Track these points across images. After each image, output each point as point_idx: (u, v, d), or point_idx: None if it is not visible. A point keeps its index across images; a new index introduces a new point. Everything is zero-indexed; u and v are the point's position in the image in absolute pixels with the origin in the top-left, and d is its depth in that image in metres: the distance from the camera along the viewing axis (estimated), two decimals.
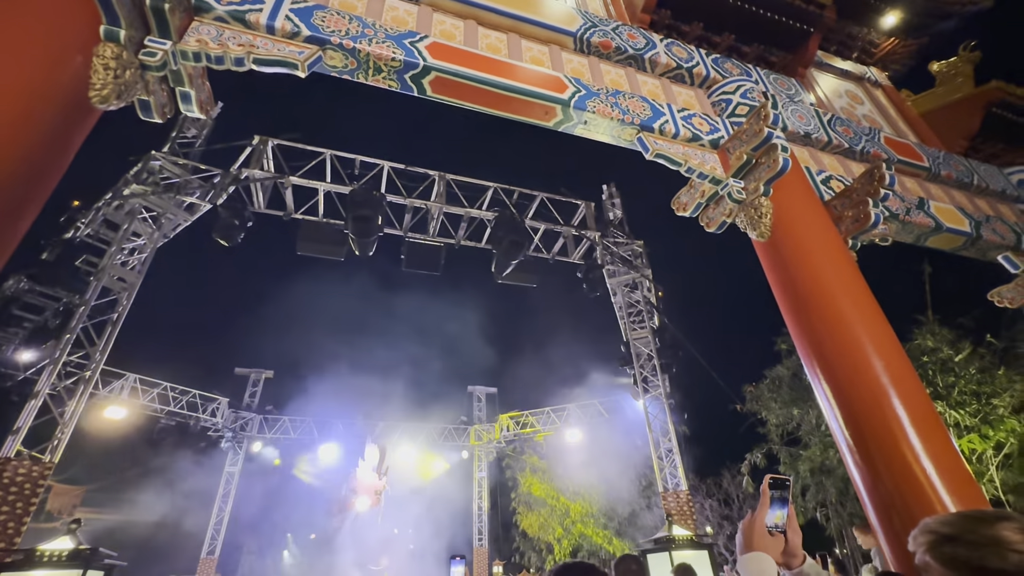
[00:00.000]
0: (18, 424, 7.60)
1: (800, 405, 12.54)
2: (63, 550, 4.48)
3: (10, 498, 6.89)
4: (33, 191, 2.54)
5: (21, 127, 2.43)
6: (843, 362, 3.54)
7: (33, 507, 7.12)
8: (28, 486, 7.14)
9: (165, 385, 15.41)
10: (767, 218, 4.17)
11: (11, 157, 2.35)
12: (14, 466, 7.15)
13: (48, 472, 7.52)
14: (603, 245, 13.05)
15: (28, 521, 6.95)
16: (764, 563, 1.22)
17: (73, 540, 4.60)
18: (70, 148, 2.82)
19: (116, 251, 9.62)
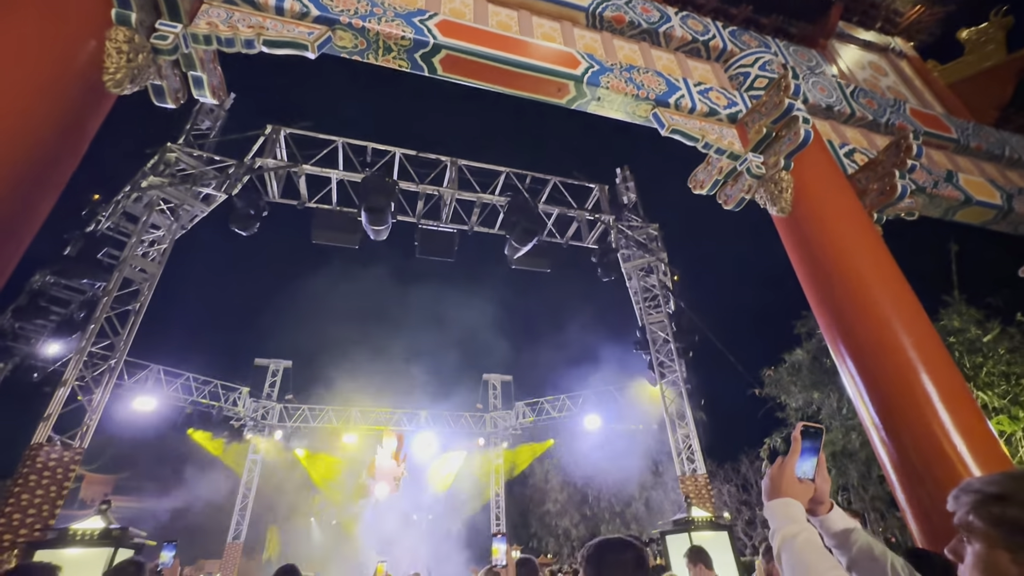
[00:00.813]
0: (49, 411, 7.85)
1: (821, 389, 12.34)
2: (95, 529, 4.65)
3: (44, 481, 7.20)
4: (51, 175, 2.57)
5: (36, 110, 2.45)
6: (869, 338, 3.45)
7: (66, 491, 7.40)
8: (60, 470, 7.42)
9: (188, 375, 15.77)
10: (788, 193, 4.06)
11: (27, 140, 2.38)
12: (47, 451, 7.43)
13: (78, 457, 7.78)
14: (617, 229, 12.91)
15: (61, 504, 7.24)
16: (793, 508, 1.19)
17: (104, 520, 4.77)
18: (86, 133, 2.84)
19: (136, 243, 9.80)
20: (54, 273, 9.80)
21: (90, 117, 2.87)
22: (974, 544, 0.95)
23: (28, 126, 2.42)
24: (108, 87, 2.86)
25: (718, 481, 21.54)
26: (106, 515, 4.88)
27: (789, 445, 1.32)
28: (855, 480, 11.68)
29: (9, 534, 6.65)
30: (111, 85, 2.86)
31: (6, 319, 10.86)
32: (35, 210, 2.52)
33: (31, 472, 7.17)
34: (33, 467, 7.21)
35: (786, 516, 1.18)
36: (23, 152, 2.36)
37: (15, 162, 2.31)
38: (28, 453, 7.39)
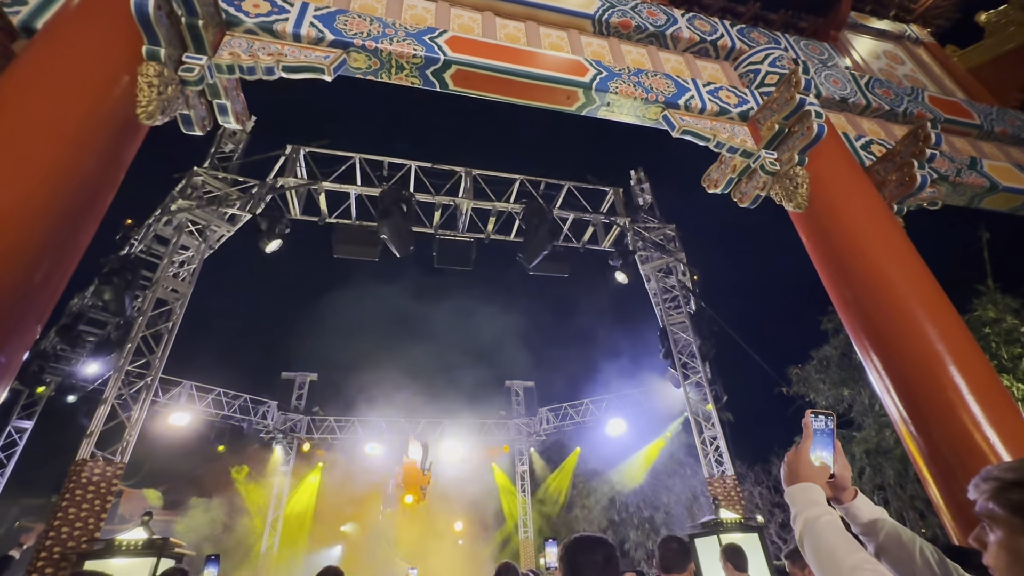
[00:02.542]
0: (91, 429, 8.19)
1: (851, 385, 12.03)
2: (139, 540, 4.87)
3: (88, 495, 7.52)
4: (93, 203, 2.74)
5: (81, 145, 2.62)
6: (893, 332, 3.40)
7: (109, 504, 7.71)
8: (103, 484, 7.74)
9: (218, 390, 16.21)
10: (803, 188, 4.03)
11: (72, 172, 2.55)
12: (90, 466, 7.76)
13: (120, 472, 8.10)
14: (634, 231, 12.86)
15: (105, 517, 7.55)
16: (813, 492, 1.19)
17: (147, 531, 4.98)
18: (123, 163, 3.02)
19: (167, 264, 10.18)
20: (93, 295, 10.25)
21: (126, 148, 3.05)
22: (996, 532, 0.96)
23: (72, 159, 2.59)
24: (141, 119, 3.04)
25: (749, 483, 21.05)
26: (148, 526, 5.10)
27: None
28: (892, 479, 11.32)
29: (58, 546, 6.98)
30: (144, 117, 3.03)
31: (49, 341, 11.39)
32: (80, 238, 2.69)
33: (77, 487, 7.50)
34: (78, 482, 7.54)
35: (807, 500, 1.18)
36: (69, 183, 2.53)
37: (63, 193, 2.48)
38: (73, 469, 7.73)
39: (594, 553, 1.39)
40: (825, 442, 1.30)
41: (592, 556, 1.38)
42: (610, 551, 1.40)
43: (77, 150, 2.65)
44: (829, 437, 1.31)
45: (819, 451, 1.29)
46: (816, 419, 1.32)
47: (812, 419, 1.31)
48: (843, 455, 1.33)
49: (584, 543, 1.43)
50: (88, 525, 7.28)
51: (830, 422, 1.32)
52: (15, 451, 12.60)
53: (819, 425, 1.31)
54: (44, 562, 6.89)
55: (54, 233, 2.48)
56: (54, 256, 2.52)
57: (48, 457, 15.18)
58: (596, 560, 1.37)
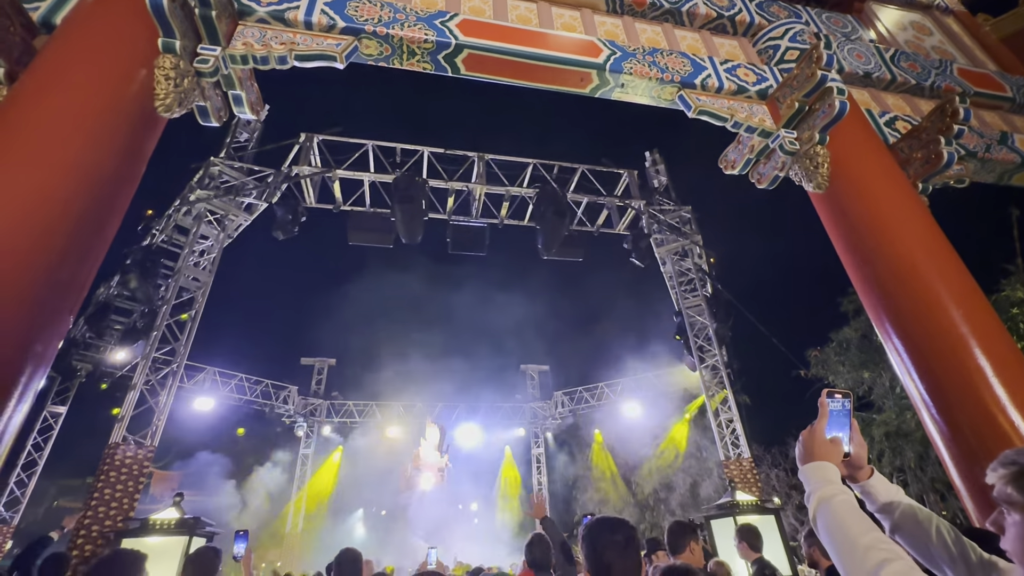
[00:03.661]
0: (121, 413, 8.52)
1: (871, 368, 11.86)
2: (171, 519, 5.10)
3: (122, 477, 7.91)
4: (116, 196, 2.80)
5: (103, 140, 2.68)
6: (916, 313, 3.34)
7: (141, 485, 8.10)
8: (136, 467, 8.10)
9: (241, 376, 16.63)
10: (824, 168, 3.94)
11: (96, 167, 2.61)
12: (123, 449, 8.12)
13: (150, 455, 8.45)
14: (649, 214, 12.71)
15: (138, 497, 7.93)
16: (827, 471, 1.19)
17: (178, 511, 5.22)
18: (143, 156, 3.07)
19: (188, 253, 10.40)
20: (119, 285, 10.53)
21: (145, 141, 3.10)
22: (1013, 515, 0.96)
23: (95, 153, 2.65)
24: (160, 112, 3.09)
25: (766, 466, 20.99)
26: (179, 507, 5.33)
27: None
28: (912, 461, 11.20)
29: (96, 525, 7.37)
30: (162, 110, 3.08)
31: (79, 330, 11.77)
32: (105, 230, 2.77)
33: (111, 469, 7.87)
34: (112, 464, 7.91)
35: (821, 478, 1.18)
36: (93, 177, 2.60)
37: (88, 187, 2.54)
38: (107, 452, 8.09)
39: (614, 534, 1.41)
40: (841, 422, 1.29)
41: (612, 537, 1.41)
42: (630, 532, 1.44)
43: (99, 144, 2.70)
44: (845, 417, 1.30)
45: (835, 431, 1.28)
46: (832, 399, 1.31)
47: (828, 399, 1.30)
48: (859, 434, 1.32)
49: (605, 524, 1.47)
50: (123, 505, 7.65)
51: (847, 402, 1.31)
52: (51, 435, 13.15)
53: (835, 406, 1.30)
54: (83, 539, 7.28)
55: (81, 226, 2.56)
56: (82, 248, 2.60)
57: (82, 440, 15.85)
58: (616, 540, 1.40)
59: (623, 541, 1.39)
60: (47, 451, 13.00)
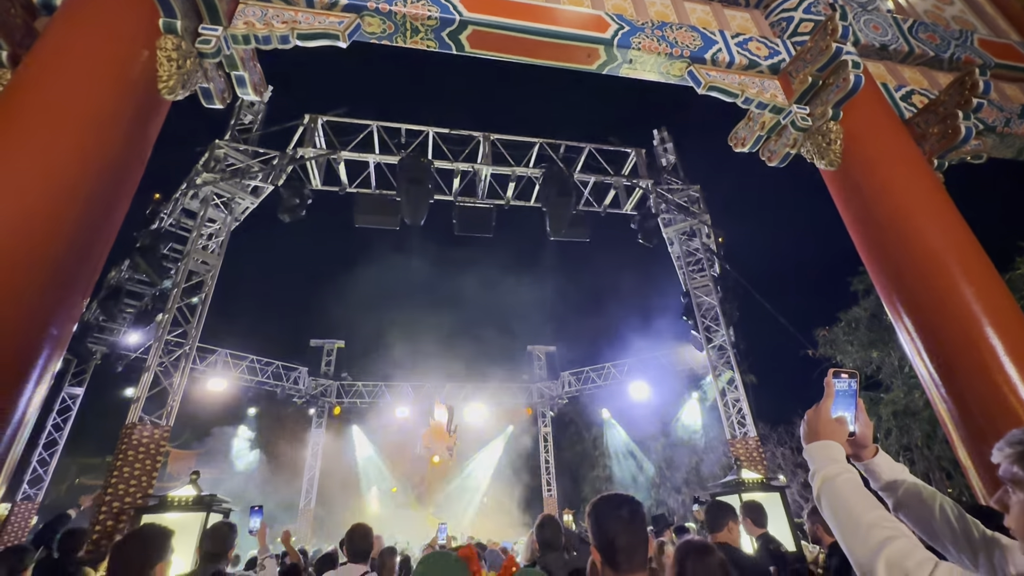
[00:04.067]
0: (137, 395, 8.71)
1: (880, 347, 11.81)
2: (189, 496, 5.27)
3: (140, 456, 8.14)
4: (124, 180, 2.81)
5: (108, 124, 2.67)
6: (927, 292, 3.30)
7: (159, 464, 8.34)
8: (152, 446, 8.32)
9: (252, 358, 16.88)
10: (837, 144, 3.85)
11: (102, 151, 2.61)
12: (139, 429, 8.32)
13: (166, 434, 8.66)
14: (656, 193, 12.57)
15: (156, 475, 8.18)
16: (832, 449, 1.19)
17: (195, 488, 5.39)
18: (149, 139, 3.07)
19: (196, 237, 10.45)
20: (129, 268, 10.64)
21: (150, 124, 3.09)
22: (1018, 494, 0.96)
23: (101, 138, 2.65)
24: (163, 94, 3.07)
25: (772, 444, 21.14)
26: (196, 484, 5.50)
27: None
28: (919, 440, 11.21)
29: (116, 502, 7.64)
30: (166, 92, 3.06)
31: (92, 313, 11.96)
32: (114, 214, 2.78)
33: (129, 448, 8.09)
34: (130, 444, 8.13)
35: (826, 457, 1.18)
36: (99, 161, 2.60)
37: (95, 171, 2.55)
38: (124, 432, 8.30)
39: (619, 509, 1.43)
40: (847, 402, 1.29)
41: (617, 512, 1.43)
42: (635, 507, 1.46)
43: (105, 128, 2.70)
44: (852, 397, 1.29)
45: (841, 410, 1.28)
46: (839, 379, 1.30)
47: (835, 379, 1.30)
48: (865, 413, 1.32)
49: (610, 500, 1.49)
50: (141, 483, 7.90)
51: (853, 382, 1.30)
52: (69, 416, 13.52)
53: (842, 385, 1.30)
54: (105, 515, 7.56)
55: (89, 210, 2.57)
56: (91, 232, 2.62)
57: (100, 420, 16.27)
58: (621, 515, 1.41)
59: (628, 516, 1.40)
60: (66, 431, 13.39)
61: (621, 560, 1.37)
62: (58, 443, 13.16)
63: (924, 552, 0.93)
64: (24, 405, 2.16)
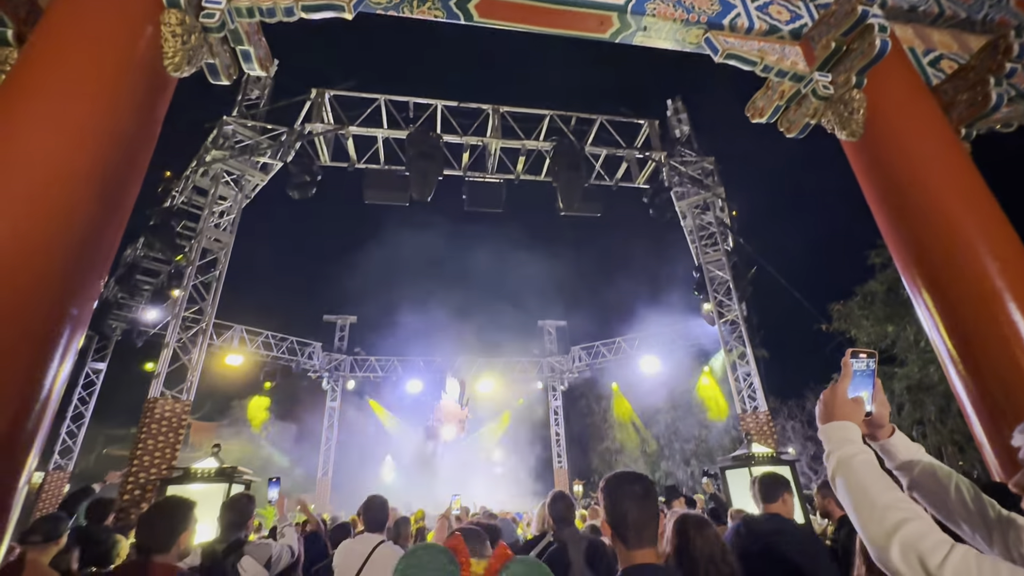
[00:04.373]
0: (158, 370, 8.95)
1: (896, 321, 11.65)
2: (211, 468, 5.47)
3: (163, 430, 8.43)
4: (134, 161, 2.81)
5: (116, 103, 2.65)
6: (948, 267, 3.22)
7: (181, 437, 8.64)
8: (174, 420, 8.60)
9: (266, 333, 17.20)
10: (859, 114, 3.71)
11: (112, 131, 2.60)
12: (161, 404, 8.59)
13: (187, 408, 8.93)
14: (670, 166, 12.31)
15: (179, 447, 8.48)
16: (848, 430, 1.17)
17: (217, 461, 5.58)
18: (157, 117, 3.05)
19: (208, 215, 10.52)
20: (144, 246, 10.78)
21: (158, 102, 3.07)
22: None
23: (109, 117, 2.64)
24: (169, 71, 3.03)
25: (782, 417, 21.25)
26: (218, 456, 5.69)
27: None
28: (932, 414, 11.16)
29: (143, 473, 7.97)
30: (171, 69, 3.02)
31: (110, 291, 12.20)
32: (127, 194, 2.79)
33: (152, 422, 8.38)
34: (152, 418, 8.41)
35: (842, 438, 1.16)
36: (110, 141, 2.59)
37: (106, 151, 2.55)
38: (147, 406, 8.57)
39: (633, 485, 1.46)
40: (865, 382, 1.27)
41: (632, 488, 1.46)
42: (648, 484, 1.49)
43: (114, 107, 2.68)
44: (869, 377, 1.27)
45: (858, 390, 1.26)
46: (857, 359, 1.27)
47: (852, 359, 1.27)
48: (882, 393, 1.30)
49: (624, 477, 1.52)
50: (165, 455, 8.21)
51: (872, 362, 1.27)
52: (94, 389, 13.99)
53: (859, 365, 1.27)
54: (132, 485, 7.88)
55: (103, 190, 2.58)
56: (106, 212, 2.63)
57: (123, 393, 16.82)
58: (635, 491, 1.44)
59: (641, 492, 1.43)
60: (92, 404, 13.88)
61: (631, 536, 1.40)
62: (84, 416, 13.66)
63: (940, 534, 0.92)
64: (50, 381, 2.22)
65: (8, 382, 2.03)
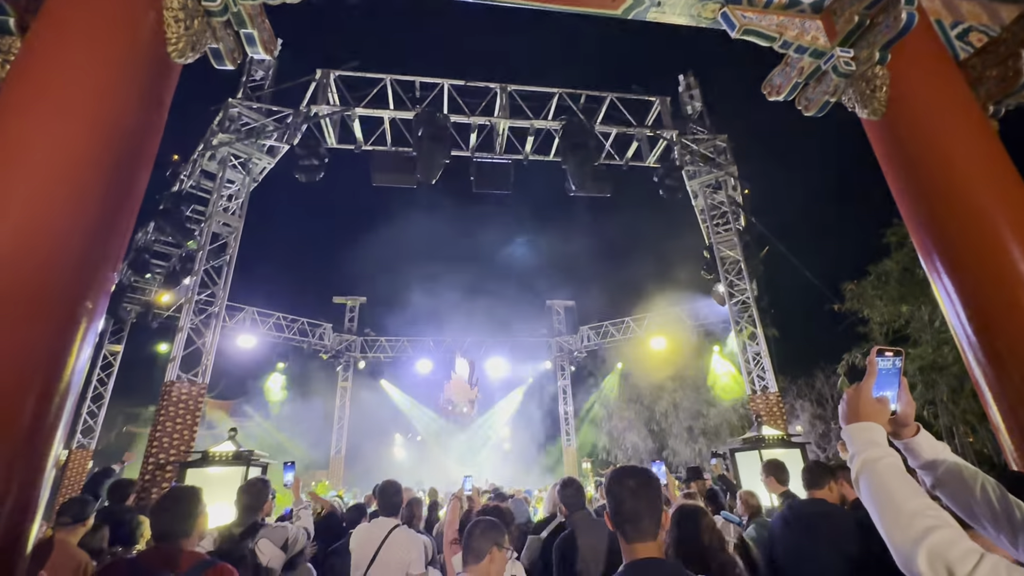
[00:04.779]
0: (173, 353, 9.11)
1: (910, 301, 11.48)
2: (228, 452, 5.60)
3: (180, 411, 8.63)
4: (142, 149, 2.79)
5: (121, 91, 2.62)
6: (969, 250, 3.13)
7: (198, 418, 8.86)
8: (191, 402, 8.79)
9: (278, 315, 17.40)
10: (882, 92, 3.57)
11: (119, 120, 2.58)
12: (177, 387, 8.77)
13: (203, 391, 9.11)
14: (681, 144, 12.06)
15: (196, 429, 8.70)
16: (873, 432, 1.15)
17: (234, 444, 5.71)
18: (163, 104, 3.01)
19: (216, 199, 10.52)
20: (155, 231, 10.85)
21: (164, 89, 3.02)
22: None
23: (116, 106, 2.61)
24: (173, 57, 2.98)
25: (791, 397, 21.24)
26: (234, 440, 5.82)
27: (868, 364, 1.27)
28: (945, 395, 11.08)
29: (162, 454, 8.20)
30: (176, 55, 2.97)
31: (124, 274, 12.35)
32: (136, 183, 2.78)
33: (169, 404, 8.58)
34: (170, 400, 8.61)
35: (867, 440, 1.14)
36: (117, 131, 2.57)
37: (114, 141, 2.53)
38: (164, 389, 8.76)
39: (628, 479, 1.51)
40: (891, 381, 1.24)
41: (627, 482, 1.50)
42: (645, 477, 1.52)
43: (120, 95, 2.65)
44: (895, 376, 1.24)
45: (883, 390, 1.23)
46: (883, 358, 1.24)
47: (878, 357, 1.24)
48: (908, 393, 1.27)
49: (622, 472, 1.57)
50: (183, 436, 8.43)
51: (898, 361, 1.24)
52: (112, 371, 14.32)
53: (885, 364, 1.24)
54: (152, 466, 8.12)
55: (113, 180, 2.56)
56: (116, 202, 2.63)
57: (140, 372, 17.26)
58: (629, 485, 1.49)
59: (634, 486, 1.48)
60: (111, 385, 14.23)
61: (628, 530, 1.43)
62: (104, 396, 14.02)
63: (969, 543, 0.91)
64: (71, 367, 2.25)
65: (32, 370, 2.07)
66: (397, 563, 2.91)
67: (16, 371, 2.02)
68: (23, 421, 1.99)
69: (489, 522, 2.02)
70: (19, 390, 2.01)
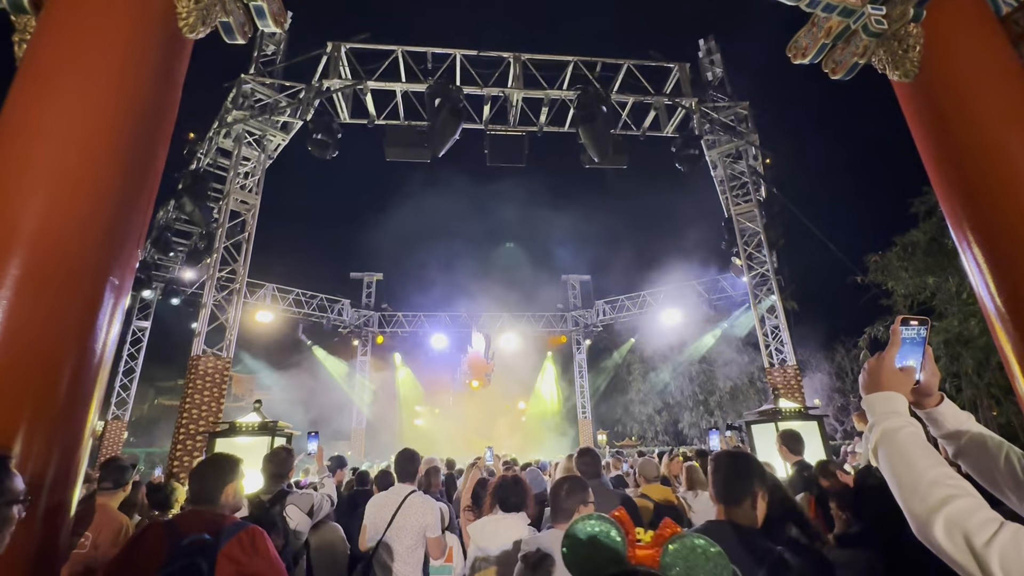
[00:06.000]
0: (198, 329, 9.39)
1: (937, 273, 11.15)
2: (254, 423, 5.84)
3: (208, 385, 8.97)
4: (159, 127, 2.81)
5: (136, 70, 2.63)
6: (1004, 220, 3.00)
7: (224, 391, 9.20)
8: (217, 375, 9.11)
9: (297, 291, 17.71)
10: (915, 51, 3.39)
11: (136, 99, 2.59)
12: (203, 361, 9.08)
13: (228, 364, 9.42)
14: (700, 112, 11.68)
15: (223, 401, 9.04)
16: (895, 402, 1.12)
17: (259, 416, 5.93)
18: (177, 82, 3.02)
19: (233, 176, 10.61)
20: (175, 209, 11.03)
21: (177, 66, 3.02)
22: None
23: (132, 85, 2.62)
24: (184, 33, 2.96)
25: (809, 370, 21.07)
26: (260, 411, 6.05)
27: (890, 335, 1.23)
28: (969, 368, 10.84)
29: (192, 424, 8.57)
30: (187, 30, 2.95)
31: (147, 252, 12.64)
32: (156, 160, 2.82)
33: (196, 378, 8.92)
34: (197, 374, 8.95)
35: (887, 410, 1.11)
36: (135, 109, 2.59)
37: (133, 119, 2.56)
38: (191, 363, 9.08)
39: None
40: (915, 351, 1.20)
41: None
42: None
43: (135, 73, 2.66)
44: (919, 346, 1.20)
45: (907, 360, 1.20)
46: (907, 327, 1.20)
47: (902, 327, 1.20)
48: (933, 363, 1.24)
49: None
50: (211, 408, 8.78)
51: (923, 330, 1.20)
52: (141, 346, 14.87)
53: (910, 333, 1.20)
54: (184, 436, 8.48)
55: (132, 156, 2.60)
56: (137, 179, 2.67)
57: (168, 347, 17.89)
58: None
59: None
60: (140, 359, 14.78)
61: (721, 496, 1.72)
62: (135, 370, 14.59)
63: (989, 511, 0.90)
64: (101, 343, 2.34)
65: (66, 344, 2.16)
66: (413, 527, 3.02)
67: (51, 345, 2.11)
68: (60, 391, 2.09)
69: (575, 481, 2.11)
70: (55, 363, 2.11)
